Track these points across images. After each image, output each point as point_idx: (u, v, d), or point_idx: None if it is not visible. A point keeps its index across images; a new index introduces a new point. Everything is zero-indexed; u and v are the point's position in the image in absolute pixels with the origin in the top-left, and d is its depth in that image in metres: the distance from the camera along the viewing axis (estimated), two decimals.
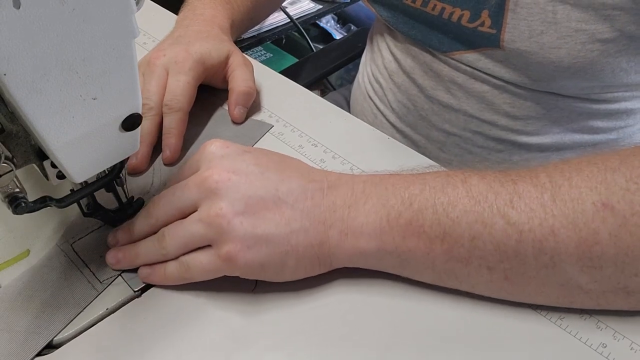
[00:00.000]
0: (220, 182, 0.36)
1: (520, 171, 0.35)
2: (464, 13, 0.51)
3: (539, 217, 0.33)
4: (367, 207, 0.36)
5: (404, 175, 0.38)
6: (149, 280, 0.38)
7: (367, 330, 0.36)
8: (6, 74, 0.25)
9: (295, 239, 0.36)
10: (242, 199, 0.35)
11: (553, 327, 0.35)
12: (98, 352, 0.35)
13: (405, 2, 0.56)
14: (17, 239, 0.42)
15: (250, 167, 0.37)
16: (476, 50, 0.53)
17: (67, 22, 0.26)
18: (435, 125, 0.62)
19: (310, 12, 1.41)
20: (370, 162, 0.48)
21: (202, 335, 0.36)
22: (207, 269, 0.36)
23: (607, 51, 0.47)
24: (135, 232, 0.39)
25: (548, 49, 0.48)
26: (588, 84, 0.51)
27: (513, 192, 0.34)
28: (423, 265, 0.36)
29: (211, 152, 0.38)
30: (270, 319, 0.37)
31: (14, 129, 0.32)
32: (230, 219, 0.35)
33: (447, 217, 0.34)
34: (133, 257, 0.39)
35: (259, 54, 1.48)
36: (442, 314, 0.37)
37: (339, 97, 0.85)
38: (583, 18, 0.46)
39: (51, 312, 0.36)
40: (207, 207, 0.36)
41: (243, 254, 0.35)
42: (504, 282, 0.35)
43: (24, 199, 0.33)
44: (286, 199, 0.36)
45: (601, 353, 0.34)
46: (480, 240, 0.34)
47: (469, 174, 0.36)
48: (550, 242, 0.33)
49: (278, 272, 0.36)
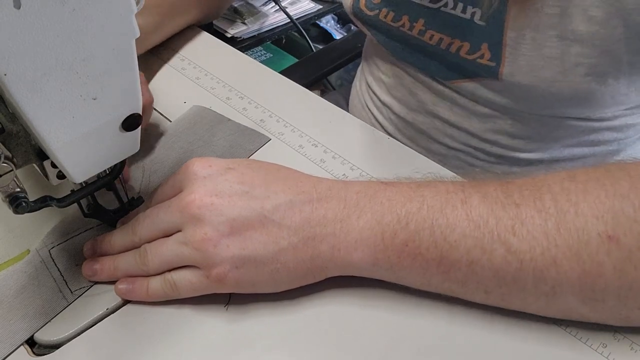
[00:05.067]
0: (202, 208, 0.35)
1: (524, 191, 0.34)
2: (463, 45, 0.51)
3: (542, 246, 0.32)
4: (361, 223, 0.35)
5: (400, 188, 0.36)
6: (129, 297, 0.37)
7: (367, 330, 0.36)
8: (6, 74, 0.25)
9: (284, 257, 0.35)
10: (227, 222, 0.35)
11: (553, 327, 0.35)
12: (98, 352, 0.35)
13: (402, 29, 0.55)
14: (17, 239, 0.42)
15: (234, 187, 0.36)
16: (474, 80, 0.53)
17: (68, 22, 0.26)
18: (436, 139, 0.61)
19: (310, 12, 1.41)
20: (370, 162, 0.48)
21: (202, 336, 0.36)
22: (195, 287, 0.36)
23: (607, 81, 0.47)
24: (115, 246, 0.39)
25: (549, 83, 0.47)
26: (589, 109, 0.51)
27: (515, 218, 0.32)
28: (419, 282, 0.35)
29: (194, 172, 0.37)
30: (270, 319, 0.37)
31: (14, 129, 0.32)
32: (216, 243, 0.34)
33: (445, 240, 0.33)
34: (112, 270, 0.38)
35: (259, 54, 1.48)
36: (441, 314, 0.37)
37: (338, 98, 0.85)
38: (583, 53, 0.45)
39: (17, 321, 0.36)
40: (191, 231, 0.35)
41: (232, 275, 0.35)
42: (501, 302, 0.35)
43: (24, 199, 0.33)
44: (273, 217, 0.35)
45: (601, 353, 0.34)
46: (479, 266, 0.33)
47: (470, 193, 0.34)
48: (552, 272, 0.32)
49: (271, 286, 0.36)
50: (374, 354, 0.35)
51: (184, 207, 0.35)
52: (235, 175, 0.37)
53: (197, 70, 0.61)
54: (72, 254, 0.40)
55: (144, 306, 0.38)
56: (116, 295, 0.38)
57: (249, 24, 1.33)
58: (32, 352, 0.35)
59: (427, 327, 0.36)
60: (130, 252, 0.38)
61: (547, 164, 0.58)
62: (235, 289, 0.36)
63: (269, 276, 0.35)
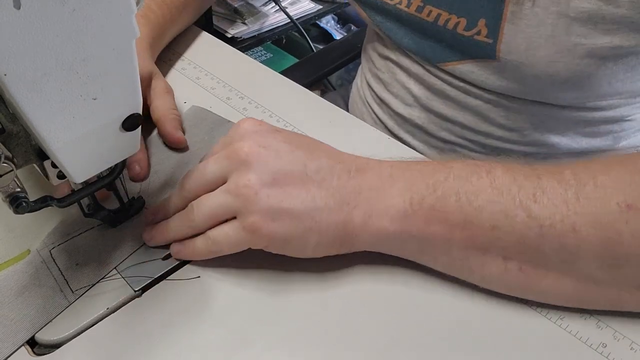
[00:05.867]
0: (250, 154, 0.36)
1: (547, 166, 0.35)
2: (460, 21, 0.51)
3: (561, 213, 0.33)
4: (393, 192, 0.36)
5: (430, 163, 0.38)
6: (180, 256, 0.39)
7: (367, 331, 0.36)
8: (6, 74, 0.25)
9: (319, 217, 0.36)
10: (271, 172, 0.36)
11: (553, 326, 0.36)
12: (98, 352, 0.35)
13: (399, 7, 0.55)
14: (17, 238, 0.42)
15: (281, 144, 0.37)
16: (470, 61, 0.53)
17: (68, 23, 0.26)
18: (433, 133, 0.62)
19: (310, 12, 1.41)
20: None
21: (202, 335, 0.36)
22: (232, 240, 0.37)
23: (605, 64, 0.47)
24: (170, 207, 0.40)
25: (545, 63, 0.47)
26: (584, 94, 0.51)
27: (537, 187, 0.34)
28: (440, 251, 0.36)
29: (244, 128, 0.39)
30: (270, 319, 0.37)
31: (15, 129, 0.32)
32: (258, 191, 0.35)
33: (470, 205, 0.34)
34: (164, 233, 0.40)
35: (259, 54, 1.48)
36: (442, 313, 0.37)
37: (337, 99, 0.85)
38: (582, 32, 0.45)
39: (19, 320, 0.36)
40: (235, 178, 0.36)
41: (267, 226, 0.35)
42: (518, 273, 0.35)
43: (25, 199, 0.33)
44: (313, 176, 0.36)
45: (601, 353, 0.34)
46: (501, 231, 0.34)
47: (495, 165, 0.36)
48: (571, 238, 0.33)
49: (300, 247, 0.37)
50: (374, 354, 0.35)
51: (232, 152, 0.37)
52: (283, 136, 0.39)
53: (197, 71, 0.61)
54: (72, 254, 0.40)
55: (144, 306, 0.38)
56: (116, 293, 0.38)
57: (249, 24, 1.33)
58: (33, 352, 0.35)
59: (427, 328, 0.36)
60: (180, 212, 0.39)
61: (544, 159, 0.58)
62: (267, 243, 0.36)
63: (301, 234, 0.36)
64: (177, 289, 0.38)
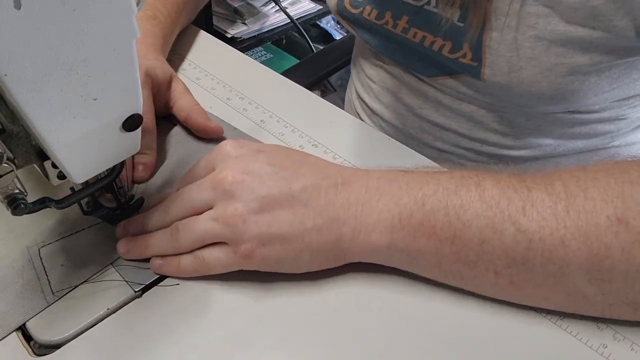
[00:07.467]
0: (234, 184, 0.36)
1: (536, 177, 0.35)
2: (445, 44, 0.51)
3: (551, 226, 0.32)
4: (380, 205, 0.36)
5: (418, 174, 0.38)
6: (162, 271, 0.39)
7: (366, 330, 0.36)
8: (7, 74, 0.25)
9: (309, 237, 0.36)
10: (257, 199, 0.36)
11: (553, 327, 0.35)
12: (98, 352, 0.35)
13: (386, 27, 0.55)
14: (17, 239, 0.42)
15: (264, 167, 0.37)
16: (459, 76, 0.53)
17: (68, 23, 0.26)
18: (427, 143, 0.61)
19: (310, 13, 1.41)
20: (371, 163, 0.48)
21: (202, 335, 0.36)
22: (224, 264, 0.37)
23: (588, 80, 0.47)
24: (149, 225, 0.40)
25: (529, 83, 0.48)
26: (572, 105, 0.51)
27: (526, 200, 0.33)
28: (430, 264, 0.36)
29: (226, 152, 0.39)
30: (271, 319, 0.37)
31: (15, 129, 0.32)
32: (246, 219, 0.36)
33: (458, 219, 0.34)
34: (143, 248, 0.39)
35: (259, 54, 1.48)
36: (443, 314, 0.37)
37: (336, 100, 0.85)
38: (561, 52, 0.45)
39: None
40: (222, 207, 0.36)
41: (259, 251, 0.36)
42: (509, 286, 0.35)
43: (23, 200, 0.33)
44: (299, 197, 0.36)
45: (602, 354, 0.34)
46: (490, 245, 0.34)
47: (483, 177, 0.36)
48: (560, 252, 0.32)
49: (294, 266, 0.37)
50: (373, 354, 0.35)
51: (217, 183, 0.37)
52: (266, 156, 0.38)
53: (197, 71, 0.61)
54: (60, 254, 0.40)
55: (145, 306, 0.38)
56: (116, 293, 0.38)
57: (249, 24, 1.33)
58: (33, 352, 0.35)
59: (426, 329, 0.36)
60: (162, 231, 0.39)
61: (543, 161, 0.58)
62: (260, 266, 0.37)
63: (293, 255, 0.36)
64: (177, 290, 0.38)
